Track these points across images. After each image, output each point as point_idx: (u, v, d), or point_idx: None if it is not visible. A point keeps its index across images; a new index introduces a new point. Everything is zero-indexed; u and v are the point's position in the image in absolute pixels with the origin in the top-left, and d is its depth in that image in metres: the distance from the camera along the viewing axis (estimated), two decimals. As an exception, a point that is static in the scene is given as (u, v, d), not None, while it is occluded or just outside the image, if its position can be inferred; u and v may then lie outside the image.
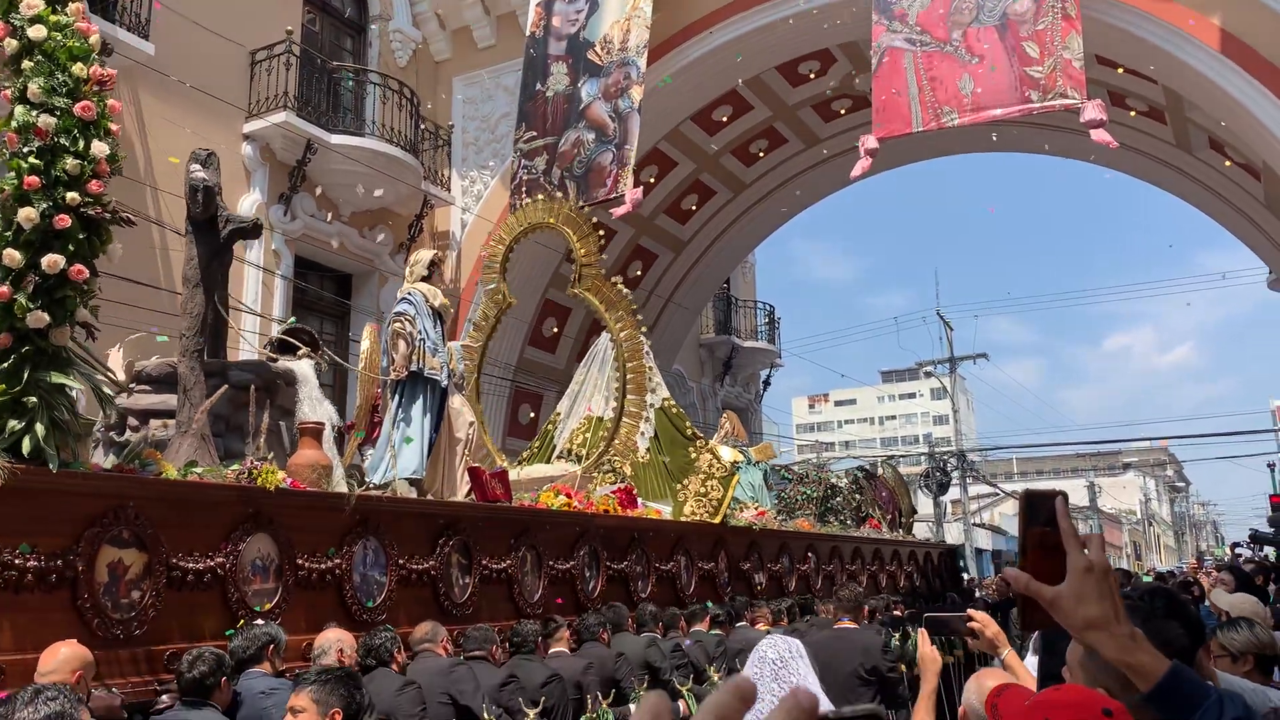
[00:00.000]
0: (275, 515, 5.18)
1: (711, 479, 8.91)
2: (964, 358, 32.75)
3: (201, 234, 5.97)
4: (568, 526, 7.40)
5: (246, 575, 5.04)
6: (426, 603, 6.07)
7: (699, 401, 23.14)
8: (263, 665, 4.74)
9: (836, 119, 19.31)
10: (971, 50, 13.50)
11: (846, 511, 13.45)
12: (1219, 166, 17.90)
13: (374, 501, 5.85)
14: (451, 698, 5.26)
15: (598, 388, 9.55)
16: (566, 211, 9.17)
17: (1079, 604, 1.55)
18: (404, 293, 7.52)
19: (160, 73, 14.15)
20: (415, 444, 7.10)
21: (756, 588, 9.79)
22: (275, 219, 15.82)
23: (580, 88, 15.69)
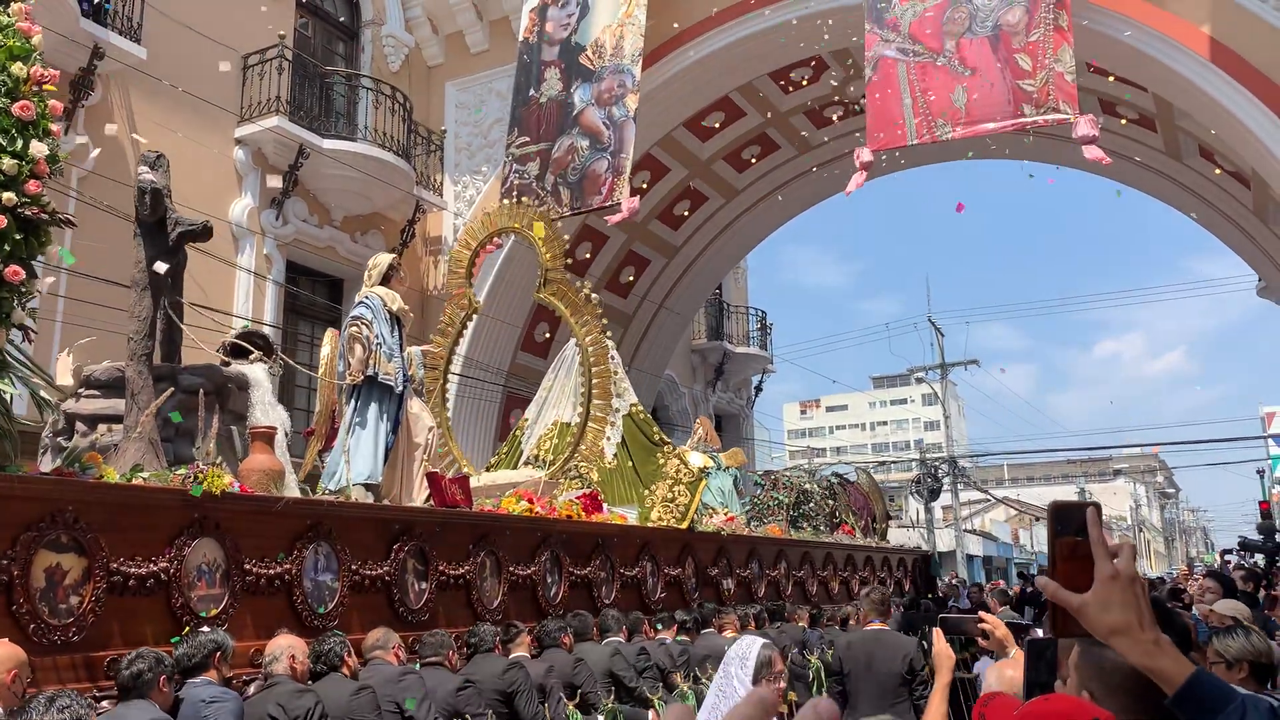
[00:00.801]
0: (222, 520, 5.03)
1: (679, 484, 8.75)
2: (955, 364, 32.63)
3: (150, 236, 5.82)
4: (529, 532, 7.24)
5: (191, 580, 4.89)
6: (380, 609, 5.92)
7: (691, 407, 22.96)
8: (209, 673, 4.60)
9: (828, 126, 19.16)
10: (964, 61, 13.39)
11: (820, 517, 13.26)
12: (1209, 174, 17.77)
13: (325, 506, 5.70)
14: (399, 706, 5.10)
15: (565, 393, 9.38)
16: (531, 217, 9.00)
17: (1104, 611, 1.59)
18: (362, 296, 7.36)
19: (152, 77, 14.03)
20: (371, 449, 6.93)
21: (725, 594, 9.63)
22: (267, 224, 15.72)
23: (573, 93, 15.57)
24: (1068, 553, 1.64)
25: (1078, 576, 1.62)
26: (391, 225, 17.37)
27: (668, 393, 22.81)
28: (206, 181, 14.88)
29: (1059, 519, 1.67)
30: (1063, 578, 1.63)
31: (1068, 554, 1.64)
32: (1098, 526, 1.64)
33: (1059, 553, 1.65)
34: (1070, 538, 1.65)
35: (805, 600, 11.41)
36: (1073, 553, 1.64)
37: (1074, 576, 1.62)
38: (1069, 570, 1.63)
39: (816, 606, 11.04)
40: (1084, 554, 1.63)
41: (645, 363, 20.44)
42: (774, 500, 12.98)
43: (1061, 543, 1.65)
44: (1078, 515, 1.65)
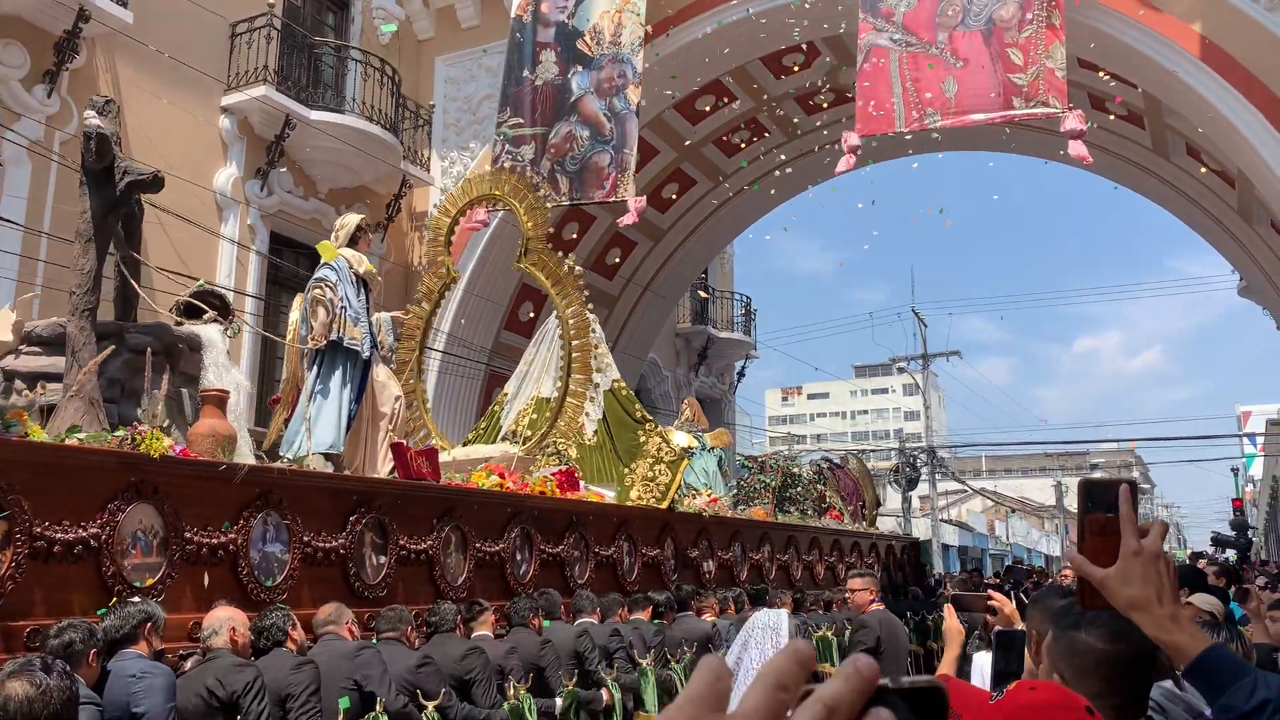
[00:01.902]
0: (161, 485, 4.63)
1: (660, 463, 8.36)
2: (937, 355, 32.31)
3: (97, 185, 5.40)
4: (498, 507, 6.85)
5: (125, 548, 4.49)
6: (335, 583, 5.52)
7: (674, 391, 22.61)
8: (138, 645, 4.22)
9: (819, 112, 18.80)
10: (956, 53, 13.31)
11: (808, 502, 12.93)
12: (1194, 173, 17.55)
13: (275, 474, 5.31)
14: (357, 684, 4.74)
15: (546, 368, 8.97)
16: (513, 183, 8.59)
17: (1124, 585, 1.61)
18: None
19: (139, 42, 13.60)
20: (333, 417, 6.51)
21: (705, 576, 9.27)
22: (251, 194, 15.32)
23: (570, 78, 15.22)
24: (1098, 528, 1.66)
25: (1106, 552, 1.63)
26: (377, 199, 16.97)
27: (650, 375, 22.47)
28: (191, 150, 14.49)
29: (1090, 495, 1.68)
30: (1090, 553, 1.65)
31: (1098, 529, 1.66)
32: (1128, 504, 1.64)
33: (1088, 528, 1.67)
34: (1101, 514, 1.65)
35: (789, 585, 11.11)
36: (1103, 529, 1.65)
37: (1102, 552, 1.64)
38: (1098, 545, 1.65)
39: (800, 591, 10.74)
40: (1114, 530, 1.64)
41: (629, 345, 20.09)
42: (761, 483, 12.64)
43: (1091, 519, 1.67)
44: (1110, 492, 1.66)
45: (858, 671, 0.63)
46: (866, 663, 0.64)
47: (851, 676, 0.63)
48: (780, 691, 0.63)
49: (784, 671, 0.63)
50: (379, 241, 17.09)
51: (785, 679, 0.63)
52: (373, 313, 6.98)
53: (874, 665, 0.64)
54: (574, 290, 8.40)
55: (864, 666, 0.64)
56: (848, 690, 0.62)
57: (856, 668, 0.63)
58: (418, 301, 9.13)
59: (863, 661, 0.64)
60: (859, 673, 0.63)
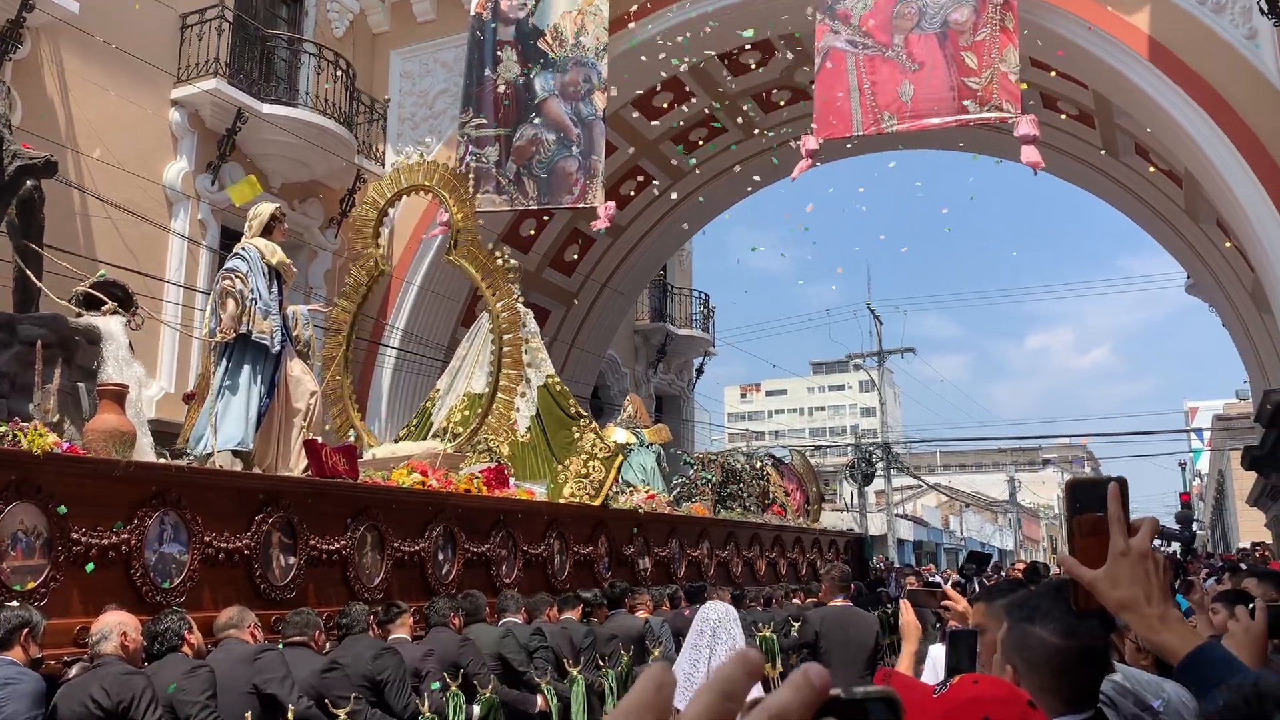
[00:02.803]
0: (45, 483, 4.26)
1: (594, 459, 8.04)
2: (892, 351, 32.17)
3: (-18, 168, 4.99)
4: (418, 506, 6.51)
5: (4, 550, 4.11)
6: (239, 585, 5.17)
7: (632, 387, 22.29)
8: (12, 651, 3.86)
9: (776, 110, 18.58)
10: (912, 57, 13.23)
11: (749, 498, 12.67)
12: (1143, 172, 17.52)
13: (172, 471, 4.95)
14: (257, 689, 4.39)
15: (479, 363, 8.62)
16: (443, 174, 8.23)
17: (1113, 586, 1.58)
18: (239, 247, 6.54)
19: (85, 33, 13.10)
20: (241, 413, 6.13)
21: (640, 574, 8.97)
22: (202, 188, 14.87)
23: (533, 78, 14.90)
24: (1087, 529, 1.62)
25: (1096, 552, 1.60)
26: (331, 194, 16.53)
27: (609, 372, 22.15)
28: (140, 143, 14.03)
29: (1076, 496, 1.65)
30: (1081, 554, 1.62)
31: (1087, 530, 1.62)
32: (1116, 502, 1.60)
33: (1077, 529, 1.64)
34: (1091, 514, 1.61)
35: (729, 581, 10.84)
36: (1093, 529, 1.61)
37: (1092, 552, 1.60)
38: (1088, 546, 1.61)
39: (740, 587, 10.49)
40: (1104, 530, 1.60)
41: (588, 342, 19.78)
42: (702, 479, 12.36)
43: (1080, 520, 1.63)
44: (1098, 491, 1.62)
45: (808, 681, 0.60)
46: (818, 672, 0.61)
47: (802, 686, 0.60)
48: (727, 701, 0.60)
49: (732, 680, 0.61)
50: (332, 237, 16.66)
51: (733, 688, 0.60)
52: (286, 305, 6.60)
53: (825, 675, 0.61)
54: (504, 283, 8.06)
55: (815, 675, 0.61)
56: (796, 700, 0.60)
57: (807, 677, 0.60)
58: (345, 295, 8.75)
59: (814, 671, 0.61)
60: (809, 682, 0.60)
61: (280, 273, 6.56)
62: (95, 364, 5.50)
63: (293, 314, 6.72)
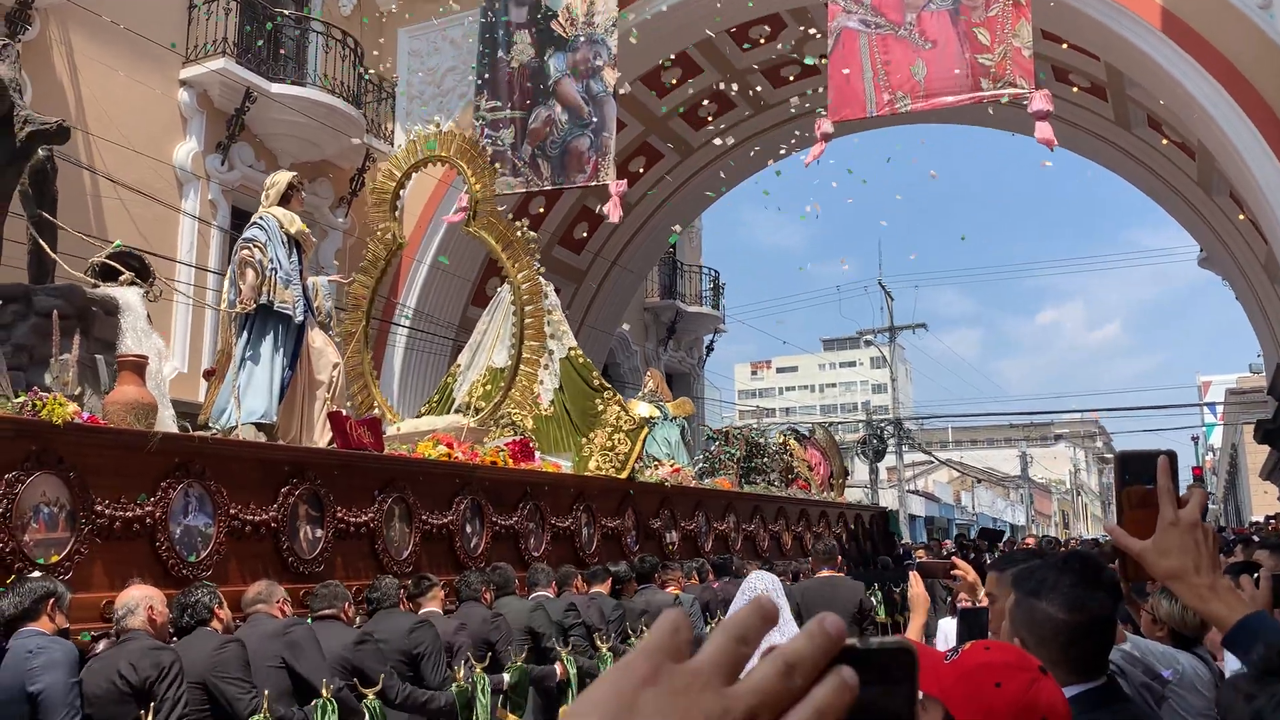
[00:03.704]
0: (66, 454, 4.19)
1: (619, 432, 7.95)
2: (903, 327, 31.96)
3: (-6, 136, 4.91)
4: (445, 478, 6.41)
5: (25, 522, 4.05)
6: (266, 558, 5.10)
7: (642, 365, 22.20)
8: (38, 622, 3.80)
9: (786, 85, 18.38)
10: (925, 35, 13.09)
11: (774, 472, 12.59)
12: (1156, 144, 17.32)
13: (196, 443, 4.88)
14: (286, 663, 4.33)
15: (500, 337, 8.52)
16: (460, 144, 8.11)
17: (1161, 556, 1.60)
18: (256, 217, 6.43)
19: (93, 13, 13.00)
20: (264, 385, 6.05)
21: (668, 547, 8.88)
22: (212, 169, 14.79)
23: (547, 60, 14.78)
24: (1136, 501, 1.64)
25: (1144, 524, 1.62)
26: (341, 173, 16.44)
27: (619, 350, 22.06)
28: (150, 124, 13.95)
29: (1126, 468, 1.67)
30: (1130, 525, 1.64)
31: (1136, 502, 1.64)
32: (1166, 475, 1.61)
33: (1126, 501, 1.66)
34: (1140, 486, 1.63)
35: (756, 554, 10.80)
36: (1141, 501, 1.63)
37: (1141, 524, 1.62)
38: (1137, 518, 1.63)
39: (767, 561, 10.44)
40: (1153, 502, 1.61)
41: (598, 319, 19.69)
42: (726, 454, 12.28)
43: (1129, 491, 1.65)
44: (1148, 464, 1.62)
45: (823, 629, 0.61)
46: (833, 621, 0.61)
47: (816, 634, 0.60)
48: (741, 644, 0.60)
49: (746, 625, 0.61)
50: (342, 216, 16.59)
51: (747, 632, 0.61)
52: (306, 275, 6.51)
53: (840, 624, 0.60)
54: (525, 255, 7.95)
55: (830, 624, 0.61)
56: (811, 648, 0.60)
57: (822, 625, 0.61)
58: (364, 270, 8.66)
59: (830, 620, 0.61)
60: (824, 631, 0.60)
61: (300, 242, 6.46)
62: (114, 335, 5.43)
63: (313, 285, 6.62)
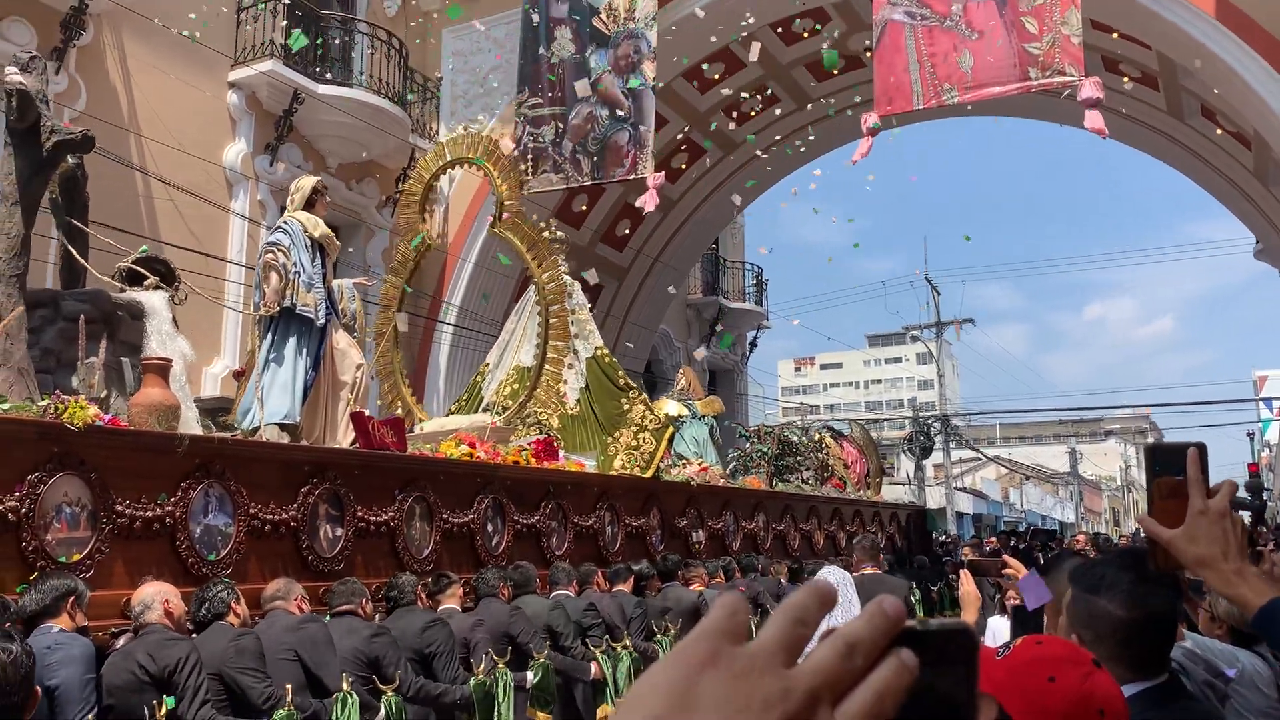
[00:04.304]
0: (88, 456, 4.23)
1: (644, 431, 7.88)
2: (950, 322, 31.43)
3: (22, 146, 4.95)
4: (466, 477, 6.41)
5: (48, 522, 4.09)
6: (286, 556, 5.13)
7: (685, 362, 22.11)
8: (59, 619, 3.84)
9: (830, 78, 18.14)
10: (972, 25, 12.79)
11: (808, 470, 12.41)
12: (1210, 135, 16.82)
13: (215, 443, 4.90)
14: (299, 657, 4.34)
15: (527, 337, 8.50)
16: (486, 146, 8.08)
17: (1190, 543, 1.64)
18: (281, 221, 6.47)
19: (144, 17, 13.21)
20: (287, 386, 6.10)
21: (695, 546, 8.81)
22: (261, 169, 14.96)
23: (588, 57, 14.72)
24: (1166, 492, 1.68)
25: (1175, 514, 1.66)
26: (386, 173, 16.56)
27: (662, 347, 21.96)
28: (200, 126, 14.15)
29: (1156, 459, 1.71)
30: (1160, 515, 1.67)
31: (1167, 493, 1.68)
32: (1196, 466, 1.66)
33: (1156, 492, 1.69)
34: (1170, 478, 1.68)
35: (786, 554, 10.65)
36: (1172, 492, 1.67)
37: (1171, 514, 1.66)
38: (1167, 508, 1.67)
39: (797, 560, 10.29)
40: (1183, 493, 1.65)
41: (640, 316, 19.62)
42: (758, 452, 12.13)
43: (1160, 483, 1.69)
44: (1178, 456, 1.67)
45: (882, 611, 0.60)
46: (893, 603, 0.60)
47: (876, 616, 0.60)
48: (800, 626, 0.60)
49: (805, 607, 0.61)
50: (388, 215, 16.69)
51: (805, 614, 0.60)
52: (331, 278, 6.53)
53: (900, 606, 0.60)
54: (549, 255, 7.91)
55: (890, 607, 0.60)
56: (870, 629, 0.59)
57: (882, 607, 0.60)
58: (394, 270, 8.66)
59: (889, 602, 0.61)
60: (884, 612, 0.60)
61: (324, 246, 6.49)
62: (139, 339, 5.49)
63: (338, 287, 6.67)
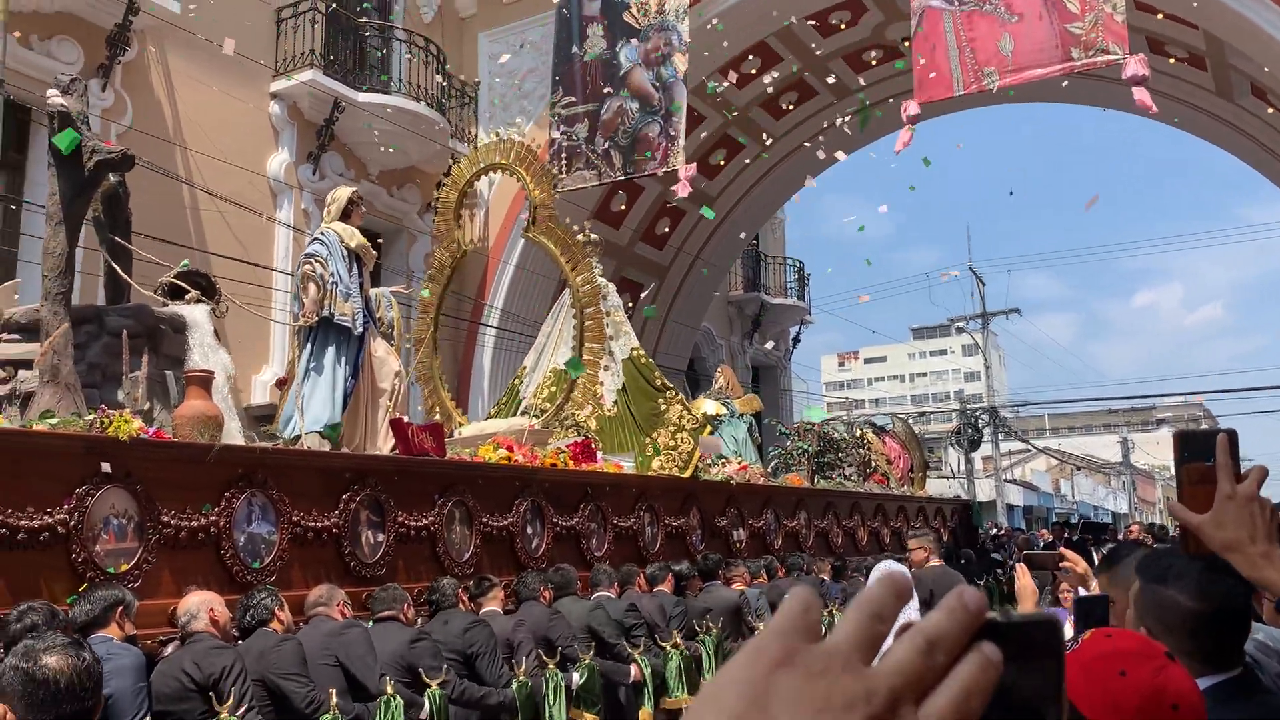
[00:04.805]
0: (134, 468, 4.27)
1: (681, 431, 7.84)
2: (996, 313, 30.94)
3: (64, 166, 5.02)
4: (505, 481, 6.42)
5: (96, 533, 4.15)
6: (329, 563, 5.16)
7: (728, 359, 21.96)
8: (108, 629, 3.89)
9: (868, 69, 17.94)
10: (1011, 8, 12.60)
11: (850, 466, 12.27)
12: (1261, 114, 16.35)
13: (258, 453, 4.94)
14: (339, 661, 4.36)
15: (563, 339, 8.49)
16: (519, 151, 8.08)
17: (1218, 528, 1.65)
18: (318, 232, 6.52)
19: (187, 31, 13.40)
20: (327, 395, 6.14)
21: (735, 545, 8.75)
22: (304, 178, 15.11)
23: (619, 51, 14.69)
24: (1196, 478, 1.69)
25: (1204, 499, 1.66)
26: (427, 179, 16.65)
27: (704, 344, 21.86)
28: (243, 137, 14.32)
29: (1185, 445, 1.72)
30: (1189, 500, 1.68)
31: (1196, 479, 1.68)
32: (1225, 451, 1.66)
33: (1185, 477, 1.70)
34: (1199, 463, 1.68)
35: (829, 551, 10.54)
36: (1202, 478, 1.68)
37: (1200, 500, 1.67)
38: (1196, 493, 1.68)
39: (841, 558, 10.17)
40: (1213, 479, 1.66)
41: (681, 315, 19.54)
42: (799, 449, 12.03)
43: (1189, 469, 1.70)
44: (1207, 442, 1.69)
45: (963, 604, 0.58)
46: (973, 595, 0.59)
47: (956, 609, 0.58)
48: (877, 622, 0.58)
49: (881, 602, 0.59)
50: (429, 220, 16.78)
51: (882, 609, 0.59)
52: (368, 288, 6.58)
53: (981, 598, 0.58)
54: (583, 258, 7.89)
55: (970, 599, 0.58)
56: (951, 623, 0.58)
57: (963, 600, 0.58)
58: (431, 276, 8.69)
59: (969, 594, 0.59)
60: (964, 605, 0.58)
61: (360, 256, 6.55)
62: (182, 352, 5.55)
63: (375, 296, 6.72)
